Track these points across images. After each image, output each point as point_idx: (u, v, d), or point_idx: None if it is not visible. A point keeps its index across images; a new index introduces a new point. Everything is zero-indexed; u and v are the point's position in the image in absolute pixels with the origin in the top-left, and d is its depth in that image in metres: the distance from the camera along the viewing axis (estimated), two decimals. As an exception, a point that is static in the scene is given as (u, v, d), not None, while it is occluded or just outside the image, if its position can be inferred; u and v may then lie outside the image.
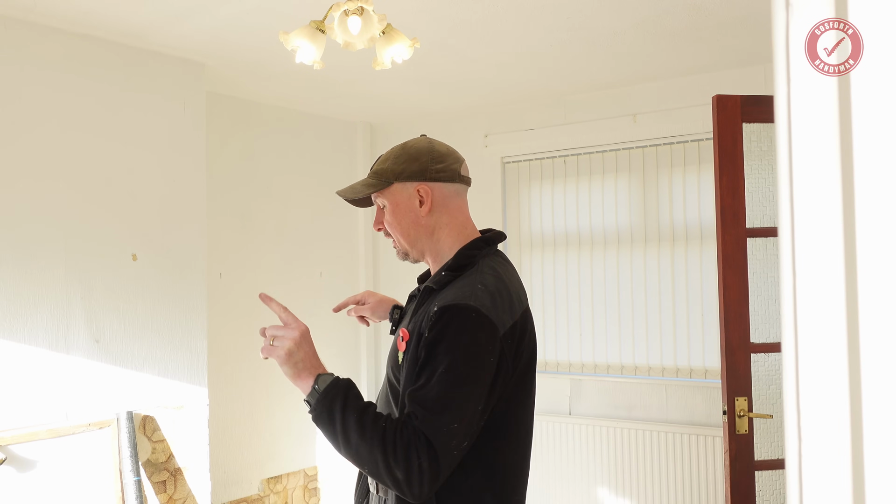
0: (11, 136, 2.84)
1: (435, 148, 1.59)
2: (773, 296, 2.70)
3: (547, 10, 2.90)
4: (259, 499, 4.19)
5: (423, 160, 1.56)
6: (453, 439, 1.34)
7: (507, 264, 1.61)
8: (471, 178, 1.64)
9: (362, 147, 4.92)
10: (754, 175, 2.67)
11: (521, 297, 1.55)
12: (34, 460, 2.83)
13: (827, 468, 0.63)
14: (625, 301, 4.09)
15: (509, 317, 1.46)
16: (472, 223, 1.64)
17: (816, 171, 0.64)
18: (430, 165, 1.56)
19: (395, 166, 1.57)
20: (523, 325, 1.51)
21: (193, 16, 2.90)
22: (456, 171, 1.58)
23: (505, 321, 1.44)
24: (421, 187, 1.55)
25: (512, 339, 1.45)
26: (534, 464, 4.23)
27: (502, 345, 1.42)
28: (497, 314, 1.42)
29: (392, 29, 2.17)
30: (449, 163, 1.58)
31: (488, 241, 1.60)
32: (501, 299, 1.46)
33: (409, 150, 1.59)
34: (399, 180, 1.56)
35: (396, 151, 1.60)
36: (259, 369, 4.20)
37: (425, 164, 1.56)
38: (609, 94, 4.13)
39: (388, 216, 1.59)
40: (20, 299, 2.83)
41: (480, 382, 1.39)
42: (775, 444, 2.67)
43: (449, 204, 1.58)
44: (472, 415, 1.38)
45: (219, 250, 3.99)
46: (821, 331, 0.64)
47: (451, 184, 1.58)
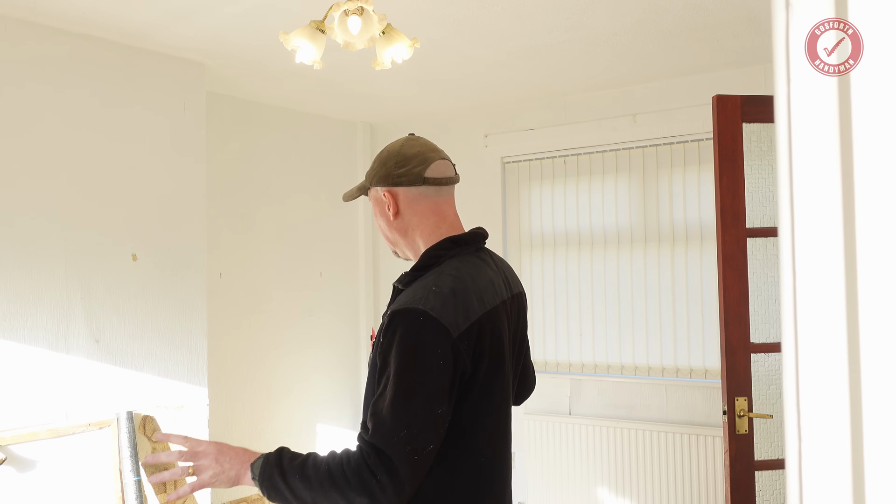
0: (11, 136, 2.84)
1: (402, 151, 1.59)
2: (773, 296, 2.70)
3: (547, 10, 2.90)
4: (259, 499, 4.19)
5: (389, 165, 1.58)
6: (408, 445, 1.34)
7: (480, 263, 1.58)
8: (451, 176, 1.62)
9: (362, 147, 4.92)
10: (754, 175, 2.67)
11: (486, 297, 1.51)
12: (34, 460, 2.83)
13: (827, 468, 0.63)
14: (625, 301, 4.09)
15: (464, 319, 1.43)
16: (452, 222, 1.63)
17: (816, 171, 0.64)
18: (392, 171, 1.58)
19: (371, 170, 1.62)
20: (483, 326, 1.48)
21: (193, 16, 2.90)
22: (418, 175, 1.57)
23: (459, 323, 1.42)
24: (386, 192, 1.59)
25: (468, 340, 1.43)
26: (534, 464, 4.23)
27: (456, 346, 1.41)
28: (449, 316, 1.41)
29: (392, 29, 2.17)
30: (412, 166, 1.57)
31: (458, 241, 1.59)
32: (455, 300, 1.43)
33: (382, 154, 1.62)
34: (372, 185, 1.61)
35: (378, 156, 1.64)
36: (259, 369, 4.20)
37: (389, 169, 1.58)
38: (609, 94, 4.13)
39: (377, 218, 1.65)
40: (20, 299, 2.83)
41: (430, 385, 1.38)
42: (775, 444, 2.67)
43: (416, 206, 1.58)
44: (427, 418, 1.37)
45: (219, 250, 3.99)
46: (821, 331, 0.64)
47: (415, 187, 1.57)
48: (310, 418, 4.51)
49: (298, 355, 4.45)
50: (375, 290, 4.92)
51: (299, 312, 4.46)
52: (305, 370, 4.49)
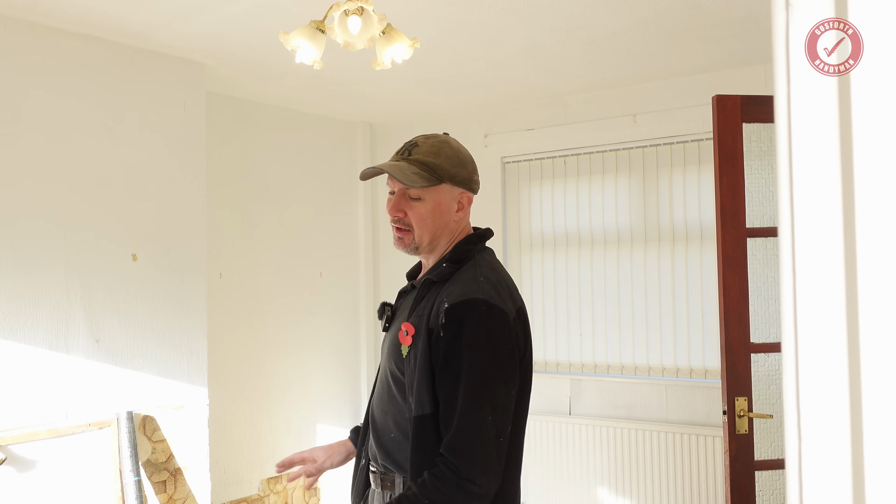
0: (11, 136, 2.84)
1: (470, 157, 1.66)
2: (773, 296, 2.70)
3: (547, 10, 2.90)
4: (259, 499, 4.19)
5: (469, 169, 1.63)
6: (493, 430, 1.40)
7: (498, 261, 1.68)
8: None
9: (362, 147, 4.92)
10: (754, 175, 2.67)
11: (514, 293, 1.59)
12: (34, 460, 2.83)
13: (827, 468, 0.63)
14: (625, 301, 4.09)
15: (512, 305, 1.52)
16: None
17: (816, 171, 0.64)
18: (473, 176, 1.64)
19: (448, 167, 1.59)
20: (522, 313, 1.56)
21: (193, 16, 2.90)
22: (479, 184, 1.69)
23: (510, 309, 1.49)
24: (464, 195, 1.63)
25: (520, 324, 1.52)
26: (534, 464, 4.23)
27: (515, 329, 1.48)
28: (505, 303, 1.48)
29: (392, 29, 2.17)
30: (477, 175, 1.68)
31: (481, 237, 1.66)
32: (502, 289, 1.52)
33: (459, 154, 1.63)
34: (450, 182, 1.60)
35: (447, 151, 1.61)
36: (259, 369, 4.20)
37: (470, 173, 1.63)
38: (609, 94, 4.13)
39: (422, 210, 1.60)
40: (20, 299, 2.83)
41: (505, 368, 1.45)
42: (775, 444, 2.67)
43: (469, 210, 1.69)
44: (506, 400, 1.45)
45: (219, 250, 3.99)
46: (821, 331, 0.64)
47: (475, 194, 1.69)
48: (309, 418, 4.50)
49: (298, 355, 4.45)
50: (375, 290, 4.92)
51: (299, 312, 4.46)
52: (305, 370, 4.49)
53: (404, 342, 1.53)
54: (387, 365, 1.62)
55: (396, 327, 1.61)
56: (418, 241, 1.62)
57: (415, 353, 1.50)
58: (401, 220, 1.61)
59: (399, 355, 1.56)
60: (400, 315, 1.66)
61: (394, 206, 1.61)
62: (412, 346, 1.51)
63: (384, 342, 1.69)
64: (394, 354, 1.58)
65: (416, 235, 1.61)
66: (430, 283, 1.58)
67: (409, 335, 1.52)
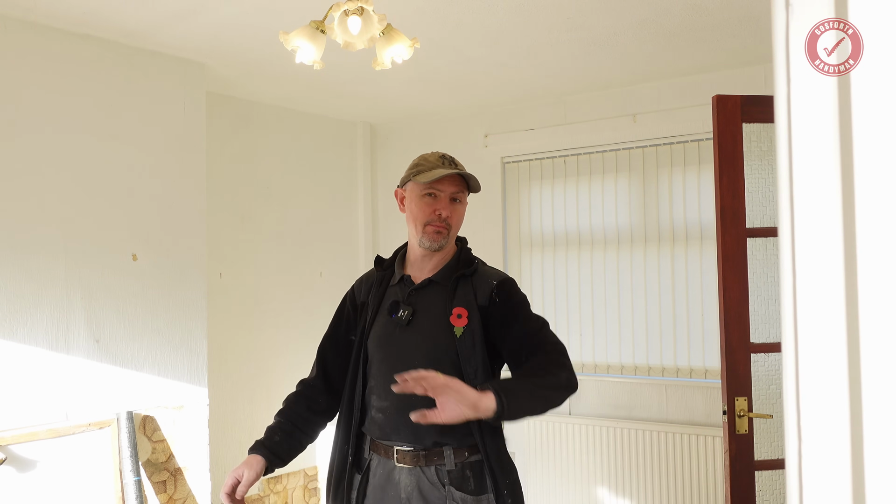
0: (11, 136, 2.84)
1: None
2: (773, 296, 2.69)
3: (547, 10, 2.90)
4: (259, 499, 4.19)
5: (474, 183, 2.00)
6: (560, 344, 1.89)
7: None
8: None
9: (362, 147, 4.91)
10: (754, 175, 2.67)
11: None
12: (34, 460, 2.83)
13: (827, 468, 0.63)
14: (625, 301, 4.09)
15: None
16: None
17: (816, 171, 0.64)
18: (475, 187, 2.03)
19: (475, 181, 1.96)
20: None
21: (193, 16, 2.90)
22: None
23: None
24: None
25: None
26: (534, 464, 4.23)
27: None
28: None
29: (392, 29, 2.17)
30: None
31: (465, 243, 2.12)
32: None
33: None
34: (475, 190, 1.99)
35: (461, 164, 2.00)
36: (259, 369, 4.20)
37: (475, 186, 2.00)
38: (609, 94, 4.13)
39: (461, 213, 1.98)
40: (20, 299, 2.83)
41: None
42: (775, 444, 2.67)
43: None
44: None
45: (219, 250, 3.99)
46: (821, 331, 0.64)
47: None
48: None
49: (298, 355, 4.45)
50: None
51: (299, 312, 4.46)
52: (306, 370, 4.48)
53: (458, 324, 1.86)
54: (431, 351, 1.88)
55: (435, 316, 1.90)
56: (450, 238, 1.95)
57: (471, 329, 1.85)
58: (446, 220, 1.93)
59: (451, 337, 1.86)
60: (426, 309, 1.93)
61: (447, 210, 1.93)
62: (467, 325, 1.85)
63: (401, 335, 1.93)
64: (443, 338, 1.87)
65: (451, 234, 1.94)
66: (458, 278, 1.93)
67: (462, 317, 1.86)
